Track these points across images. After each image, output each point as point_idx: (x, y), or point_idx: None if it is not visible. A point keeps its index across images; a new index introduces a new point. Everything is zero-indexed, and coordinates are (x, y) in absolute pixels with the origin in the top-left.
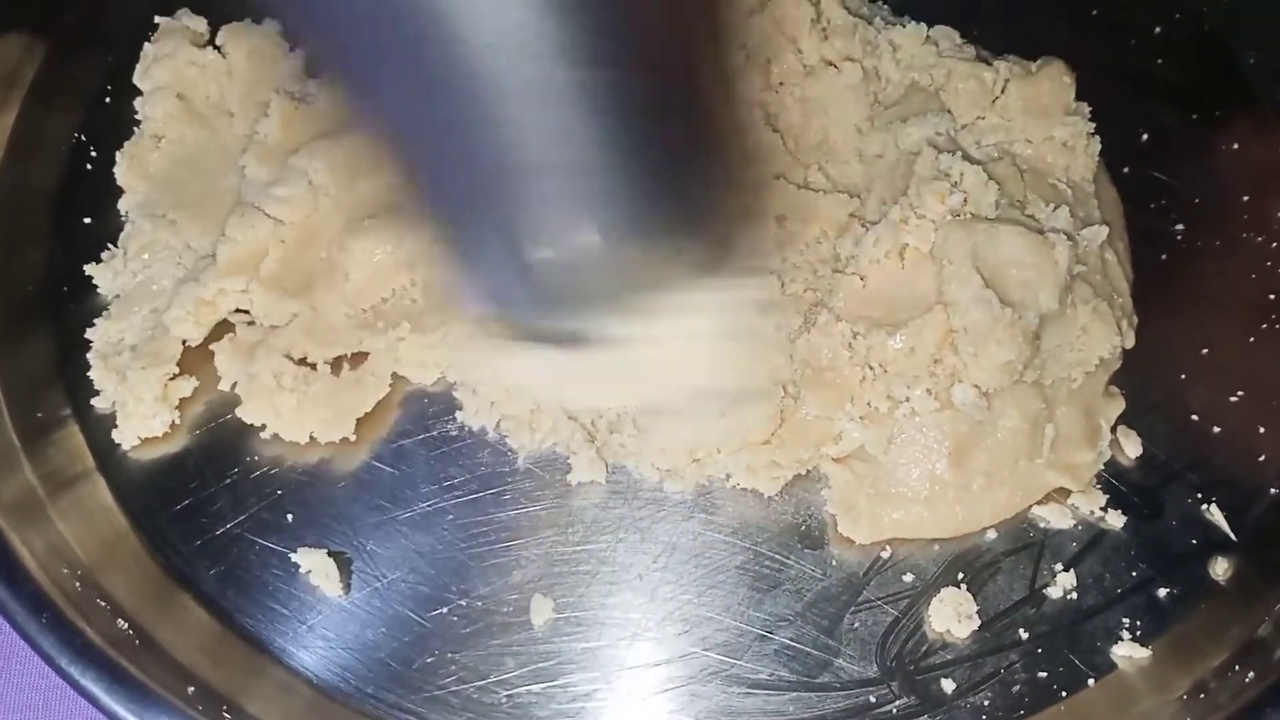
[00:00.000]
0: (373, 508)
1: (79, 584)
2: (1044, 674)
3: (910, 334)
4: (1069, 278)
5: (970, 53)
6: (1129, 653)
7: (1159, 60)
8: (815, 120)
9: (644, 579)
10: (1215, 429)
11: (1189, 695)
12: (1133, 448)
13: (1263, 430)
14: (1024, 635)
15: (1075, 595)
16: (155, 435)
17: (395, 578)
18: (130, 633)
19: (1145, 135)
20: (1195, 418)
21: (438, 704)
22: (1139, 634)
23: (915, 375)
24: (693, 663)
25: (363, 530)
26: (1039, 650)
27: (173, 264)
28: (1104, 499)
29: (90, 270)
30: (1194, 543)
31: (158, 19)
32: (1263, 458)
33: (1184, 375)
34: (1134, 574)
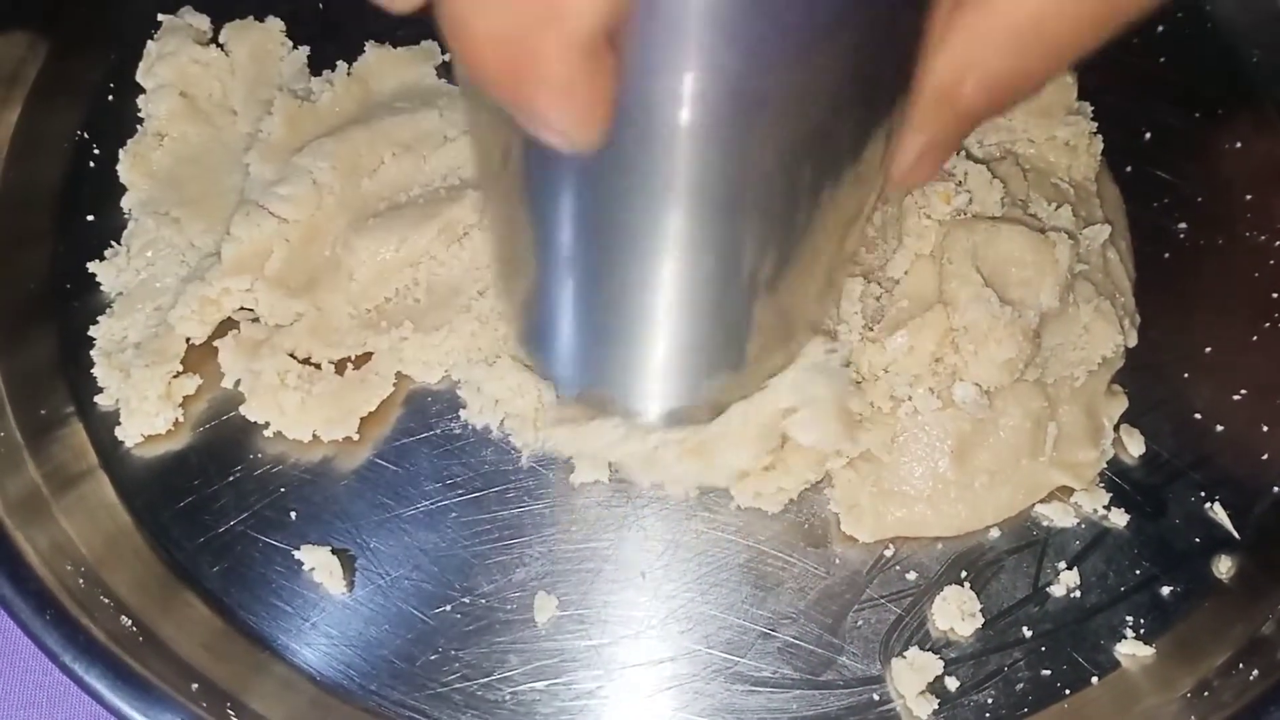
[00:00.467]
0: (376, 505)
1: (82, 581)
2: (1047, 672)
3: (911, 333)
4: (1070, 276)
5: None
6: (1132, 651)
7: (1161, 59)
8: None
9: (647, 577)
10: (1219, 427)
11: (1193, 693)
12: (1136, 446)
13: (1266, 429)
14: (1027, 633)
15: (1078, 593)
16: (159, 433)
17: (398, 575)
18: (134, 630)
19: (1148, 134)
20: (1198, 416)
21: (441, 701)
22: (1142, 632)
23: (916, 374)
24: (696, 660)
25: (366, 528)
26: (1042, 648)
27: (176, 262)
28: (1107, 497)
29: (93, 268)
30: (1197, 541)
31: (161, 16)
32: (1266, 456)
33: (1187, 374)
34: (1137, 572)
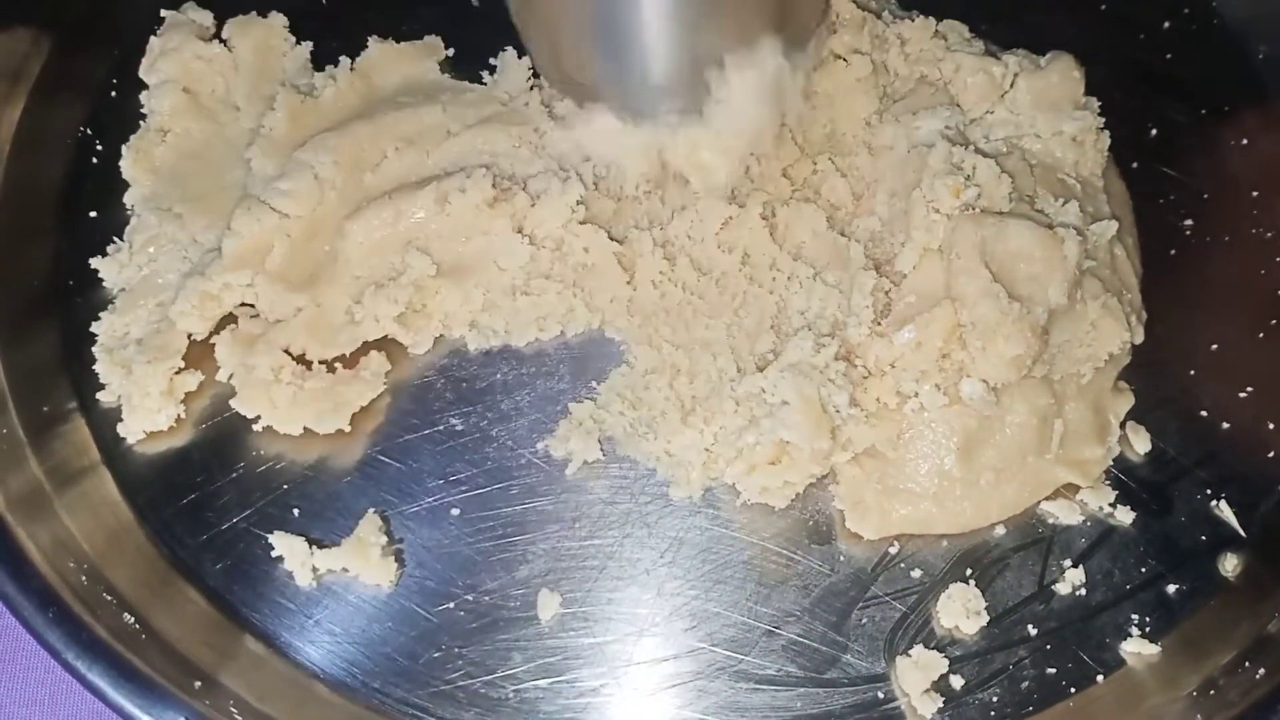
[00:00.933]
0: (379, 502)
1: (85, 578)
2: (1052, 670)
3: (918, 328)
4: (1078, 273)
5: (979, 47)
6: (1138, 649)
7: (1169, 55)
8: (823, 113)
9: (651, 574)
10: (1225, 425)
11: (1198, 692)
12: (1142, 444)
13: (1272, 426)
14: (1032, 631)
15: (1084, 591)
16: (161, 429)
17: (402, 572)
18: (136, 626)
19: (1154, 130)
20: (1205, 413)
21: (444, 699)
22: (1148, 630)
23: (923, 370)
24: (700, 658)
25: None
26: (1047, 646)
27: (178, 258)
28: (1113, 495)
29: (96, 264)
30: (1203, 539)
31: (164, 12)
32: (1272, 454)
33: (1193, 371)
34: (1143, 570)
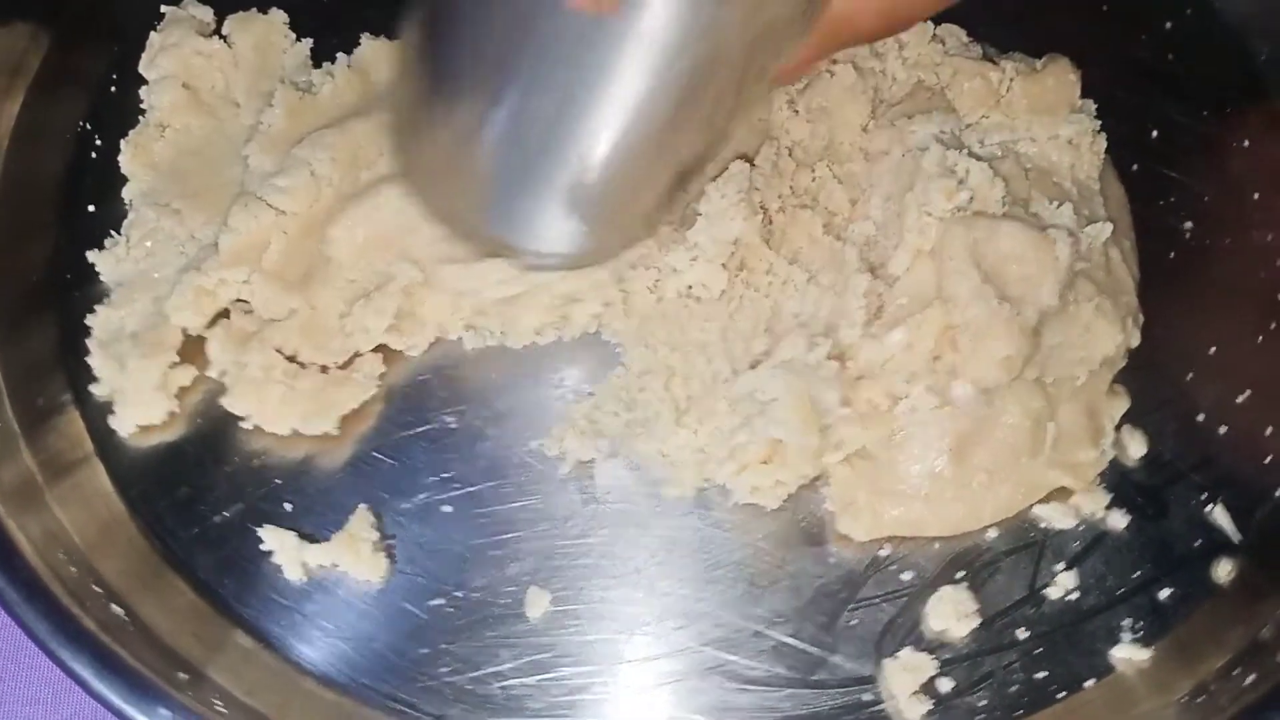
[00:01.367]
0: (370, 498)
1: (75, 569)
2: (1043, 674)
3: (909, 330)
4: (1071, 275)
5: (977, 51)
6: (1129, 654)
7: (1170, 56)
8: (820, 125)
9: (642, 573)
10: (1222, 429)
11: (1189, 697)
12: (1137, 447)
13: (1270, 431)
14: (1023, 635)
15: (1076, 595)
16: (153, 424)
17: (393, 568)
18: (125, 618)
19: (1155, 132)
20: (1202, 417)
21: (431, 695)
22: (1140, 635)
23: (915, 372)
24: (689, 658)
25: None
26: (1038, 650)
27: (175, 253)
28: (1107, 498)
29: (93, 257)
30: (1198, 544)
31: (164, 8)
32: (1270, 459)
33: (1191, 374)
34: (1136, 575)
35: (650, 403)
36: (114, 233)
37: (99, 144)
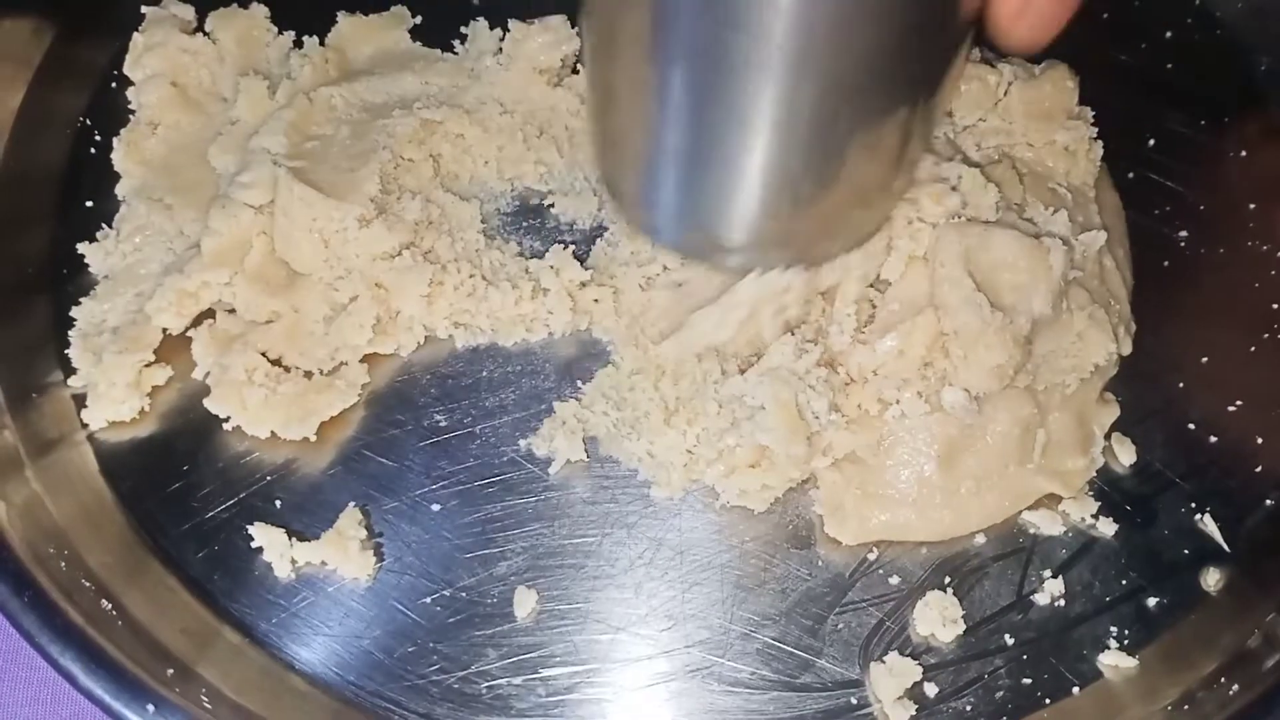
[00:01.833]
0: (360, 496)
1: (64, 564)
2: (1028, 680)
3: (901, 336)
4: (1064, 283)
5: (975, 54)
6: (1116, 661)
7: (1169, 65)
8: None
9: (629, 574)
10: (1212, 438)
11: (1175, 705)
12: (1127, 455)
13: (1260, 441)
14: (1009, 641)
15: (1063, 602)
16: (123, 420)
17: (380, 567)
18: (113, 613)
19: (1151, 140)
20: (1192, 426)
21: (417, 693)
22: (1127, 643)
23: (905, 378)
24: (675, 659)
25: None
26: (1024, 657)
27: (164, 248)
28: (1096, 506)
29: (83, 249)
30: (1186, 552)
31: (145, 9)
32: (1259, 469)
33: (1182, 383)
34: (1124, 582)
35: (640, 402)
36: (105, 226)
37: (97, 139)
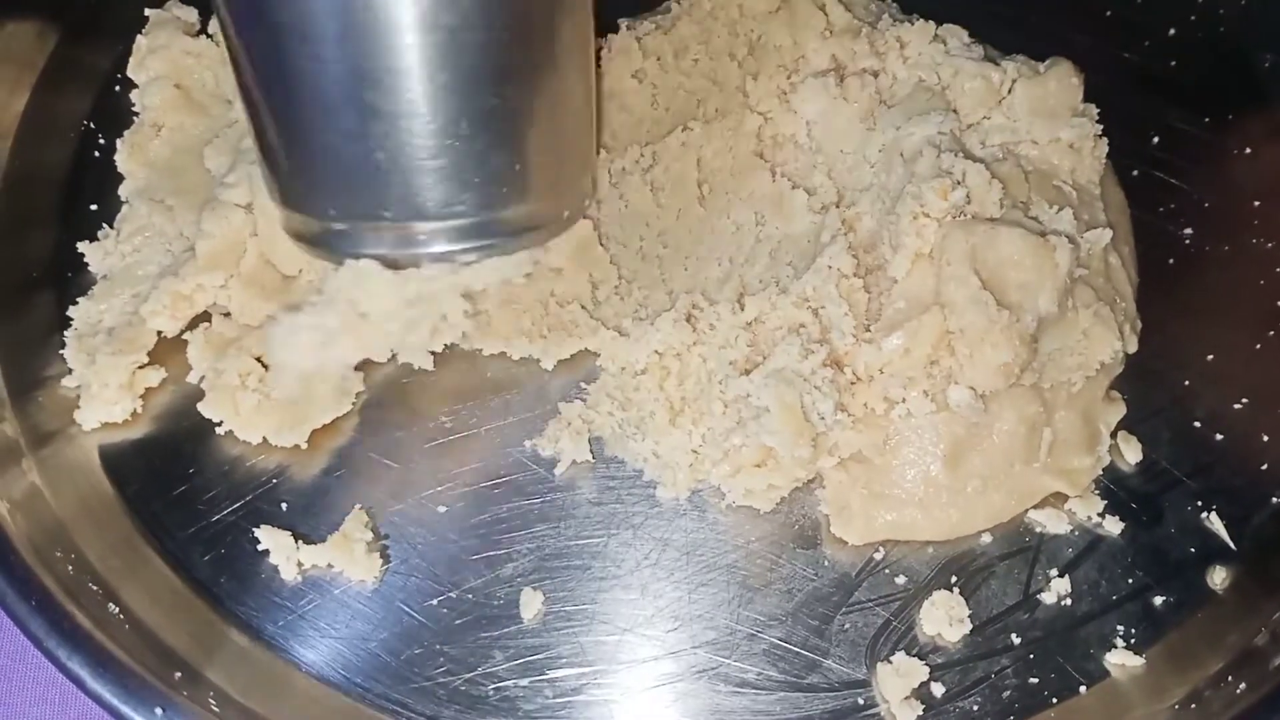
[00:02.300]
0: (366, 498)
1: (71, 568)
2: (1035, 680)
3: (906, 335)
4: (1070, 281)
5: (979, 52)
6: (1122, 660)
7: (1172, 62)
8: (817, 127)
9: (635, 575)
10: (1218, 436)
11: (1182, 704)
12: (1133, 453)
13: (1266, 439)
14: (1016, 640)
15: (1069, 601)
16: (114, 421)
17: (387, 569)
18: (120, 617)
19: (1156, 138)
20: (1198, 424)
21: (424, 695)
22: (1133, 642)
23: (911, 377)
24: (682, 660)
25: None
26: (1031, 656)
27: (162, 250)
28: (1102, 505)
29: (83, 248)
30: (1192, 551)
31: (148, 11)
32: (1265, 466)
33: (1188, 381)
34: (1130, 581)
35: (645, 402)
36: (107, 226)
37: (101, 142)
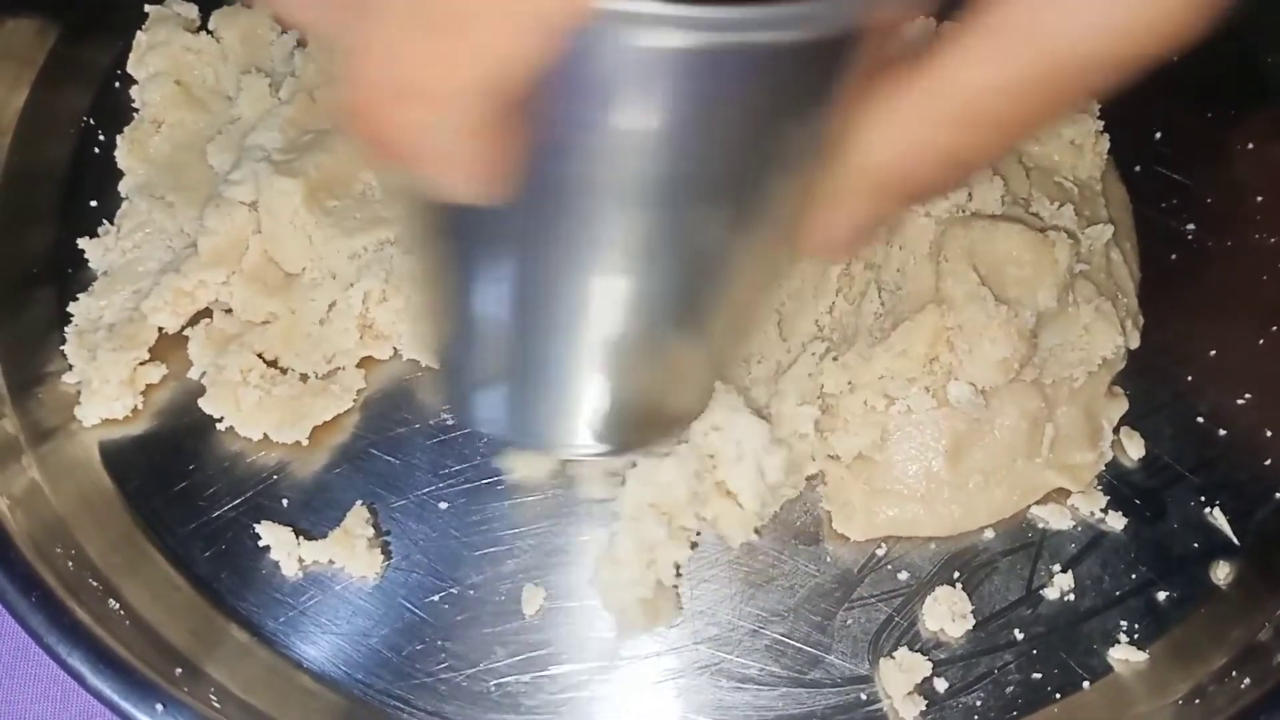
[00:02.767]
0: (367, 495)
1: (71, 564)
2: (1038, 675)
3: (906, 331)
4: (1070, 276)
5: None
6: (1126, 656)
7: (1174, 58)
8: None
9: None
10: (1221, 431)
11: (1185, 700)
12: (1136, 449)
13: (1270, 434)
14: (1019, 636)
15: (1073, 597)
16: (116, 417)
17: (388, 565)
18: (120, 612)
19: (1158, 134)
20: (1201, 420)
21: (425, 691)
22: (1136, 637)
23: (910, 374)
24: (683, 656)
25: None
26: (1034, 651)
27: (163, 246)
28: (1105, 500)
29: (83, 244)
30: (1196, 546)
31: (148, 7)
32: (1269, 461)
33: (1191, 376)
34: (1133, 576)
35: None
36: (107, 223)
37: (101, 139)
